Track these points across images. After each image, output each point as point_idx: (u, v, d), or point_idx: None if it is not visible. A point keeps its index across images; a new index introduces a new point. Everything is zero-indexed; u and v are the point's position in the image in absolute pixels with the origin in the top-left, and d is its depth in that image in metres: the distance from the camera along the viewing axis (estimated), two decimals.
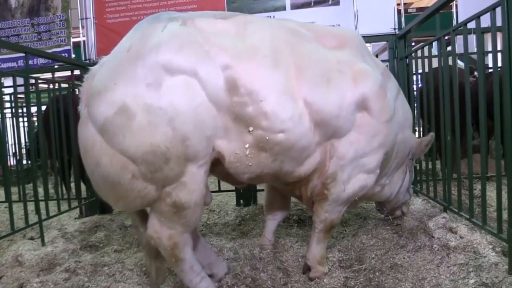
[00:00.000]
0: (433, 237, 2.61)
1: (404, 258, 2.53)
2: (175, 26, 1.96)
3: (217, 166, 2.06)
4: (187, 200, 1.95)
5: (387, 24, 4.14)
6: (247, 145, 2.00)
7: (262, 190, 3.47)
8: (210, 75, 1.88)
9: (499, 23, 2.23)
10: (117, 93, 1.82)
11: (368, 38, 4.38)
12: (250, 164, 2.05)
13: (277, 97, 1.97)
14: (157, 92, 1.81)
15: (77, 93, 4.41)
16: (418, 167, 3.66)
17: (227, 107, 1.92)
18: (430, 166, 3.47)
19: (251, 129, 1.97)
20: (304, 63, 2.10)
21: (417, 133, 4.18)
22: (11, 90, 4.98)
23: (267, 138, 1.99)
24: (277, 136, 1.99)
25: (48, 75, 4.90)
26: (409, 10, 10.00)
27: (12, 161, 7.32)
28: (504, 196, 2.30)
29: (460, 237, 2.55)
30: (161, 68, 1.83)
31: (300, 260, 2.60)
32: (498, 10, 2.24)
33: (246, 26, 2.10)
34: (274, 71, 2.00)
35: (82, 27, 4.61)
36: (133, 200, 1.94)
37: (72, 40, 4.75)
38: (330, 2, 4.24)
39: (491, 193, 3.34)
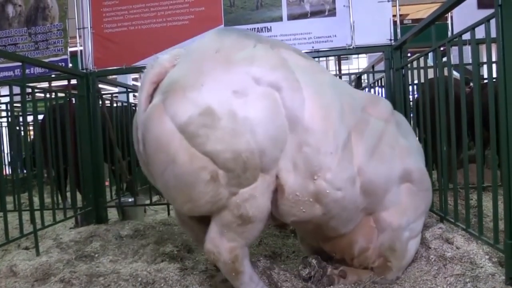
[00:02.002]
0: (430, 247, 2.60)
1: None
2: (266, 47, 1.99)
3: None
4: (254, 214, 1.96)
5: (383, 35, 4.17)
6: (308, 192, 2.02)
7: None
8: (296, 103, 1.91)
9: (493, 34, 2.26)
10: (203, 94, 1.82)
11: (364, 49, 4.42)
12: (304, 210, 2.07)
13: (343, 156, 2.02)
14: (243, 101, 1.82)
15: (73, 102, 4.41)
16: None
17: (299, 139, 1.95)
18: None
19: (315, 177, 1.99)
20: (362, 130, 2.17)
21: None
22: (7, 99, 4.98)
23: (327, 191, 2.02)
24: (336, 193, 2.03)
25: (45, 85, 4.90)
26: (405, 21, 10.10)
27: (7, 170, 7.30)
28: (501, 206, 2.30)
29: (457, 248, 2.55)
30: (251, 79, 1.84)
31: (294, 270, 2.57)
32: (493, 21, 2.26)
33: (322, 74, 2.16)
34: (342, 130, 2.04)
35: (79, 36, 4.61)
36: (204, 204, 1.93)
37: (69, 49, 4.75)
38: (326, 13, 4.27)
39: (488, 203, 3.34)
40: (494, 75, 2.52)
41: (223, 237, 2.03)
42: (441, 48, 3.09)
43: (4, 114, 6.91)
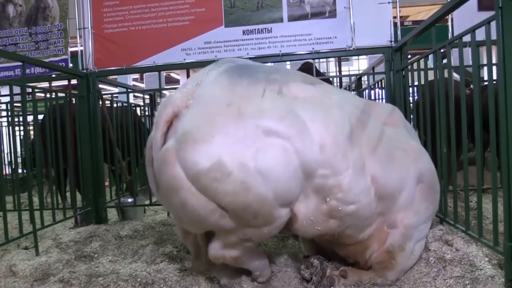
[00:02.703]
0: (429, 249, 2.60)
1: None
2: (274, 94, 2.04)
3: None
4: (258, 239, 2.15)
5: (384, 36, 4.17)
6: (321, 212, 2.10)
7: None
8: (305, 144, 1.96)
9: (494, 36, 2.26)
10: (214, 147, 1.86)
11: (365, 51, 4.42)
12: (319, 228, 2.15)
13: (353, 172, 2.08)
14: (254, 153, 1.87)
15: (73, 101, 4.41)
16: None
17: (313, 176, 2.01)
18: None
19: (328, 199, 2.07)
20: (373, 142, 2.23)
21: None
22: (7, 99, 4.98)
23: (340, 208, 2.09)
24: (349, 207, 2.10)
25: (45, 84, 4.90)
26: (405, 23, 10.09)
27: (7, 170, 7.29)
28: (500, 208, 2.31)
29: (456, 250, 2.54)
30: (262, 133, 1.89)
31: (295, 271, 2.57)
32: (493, 23, 2.26)
33: (329, 97, 2.21)
34: (352, 148, 2.11)
35: (80, 36, 4.61)
36: (211, 228, 2.08)
37: (70, 49, 4.75)
38: (327, 15, 4.27)
39: (487, 205, 3.34)
40: (494, 77, 2.52)
41: (227, 247, 2.14)
42: (442, 50, 3.09)
43: (4, 114, 6.90)
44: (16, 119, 5.75)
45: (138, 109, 6.15)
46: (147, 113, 6.27)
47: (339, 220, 2.14)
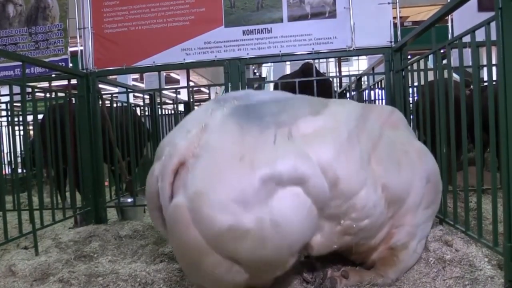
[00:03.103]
0: (429, 250, 2.60)
1: None
2: (285, 139, 1.96)
3: None
4: (270, 280, 2.14)
5: (383, 37, 4.17)
6: (336, 232, 2.12)
7: None
8: (317, 185, 1.93)
9: (493, 37, 2.26)
10: (230, 207, 1.79)
11: (365, 51, 4.43)
12: (334, 246, 2.18)
13: (366, 191, 2.08)
14: (269, 206, 1.82)
15: (73, 101, 4.41)
16: None
17: (327, 209, 2.02)
18: None
19: (342, 221, 2.08)
20: (379, 151, 2.24)
21: None
22: (7, 98, 4.98)
23: (354, 226, 2.11)
24: (363, 222, 2.12)
25: (45, 84, 4.90)
26: (405, 24, 10.09)
27: (7, 170, 7.29)
28: (500, 209, 2.31)
29: (456, 250, 2.55)
30: (274, 182, 1.83)
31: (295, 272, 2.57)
32: (493, 24, 2.26)
33: (336, 120, 2.18)
34: (363, 166, 2.10)
35: (80, 36, 4.61)
36: (225, 286, 2.01)
37: (70, 49, 4.75)
38: (327, 15, 4.27)
39: (487, 205, 3.34)
40: (494, 77, 2.52)
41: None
42: (441, 51, 3.09)
43: (4, 113, 6.90)
44: (16, 119, 5.75)
45: (138, 109, 6.15)
46: (147, 113, 6.27)
47: (354, 235, 2.16)
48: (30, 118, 4.56)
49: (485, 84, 4.00)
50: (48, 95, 4.28)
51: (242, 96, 2.18)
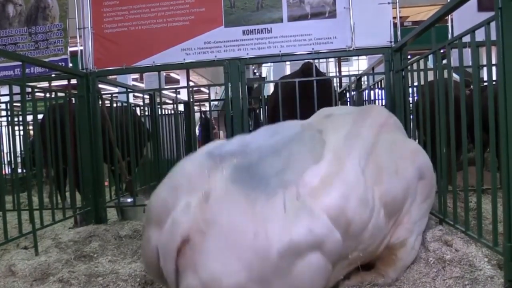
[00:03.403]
0: (429, 250, 2.60)
1: None
2: (294, 202, 1.82)
3: None
4: None
5: (383, 37, 4.18)
6: (345, 264, 2.12)
7: None
8: (333, 242, 1.86)
9: (493, 37, 2.26)
10: (247, 284, 1.71)
11: (365, 51, 4.43)
12: (342, 276, 2.20)
13: (373, 221, 2.07)
14: (288, 279, 1.76)
15: (73, 101, 4.41)
16: None
17: (339, 254, 1.98)
18: None
19: (350, 256, 2.07)
20: (380, 167, 2.22)
21: None
22: (7, 98, 4.98)
23: (361, 255, 2.13)
24: (369, 248, 2.15)
25: (44, 84, 4.89)
26: (405, 24, 10.09)
27: (7, 170, 7.29)
28: (500, 209, 2.31)
29: (456, 250, 2.55)
30: (292, 254, 1.75)
31: None
32: (493, 24, 2.26)
33: (338, 155, 2.09)
34: (369, 195, 2.07)
35: (80, 36, 4.61)
36: None
37: (70, 49, 4.75)
38: (326, 15, 4.27)
39: (487, 205, 3.34)
40: (494, 77, 2.52)
41: None
42: (441, 51, 3.09)
43: (4, 113, 6.90)
44: (16, 119, 5.74)
45: (138, 109, 6.15)
46: (147, 113, 6.27)
47: (362, 256, 2.17)
48: (30, 118, 4.56)
49: (485, 84, 4.00)
50: (48, 95, 4.28)
51: (238, 150, 2.03)
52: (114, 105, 4.96)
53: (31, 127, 5.92)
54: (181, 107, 7.54)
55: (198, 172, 1.93)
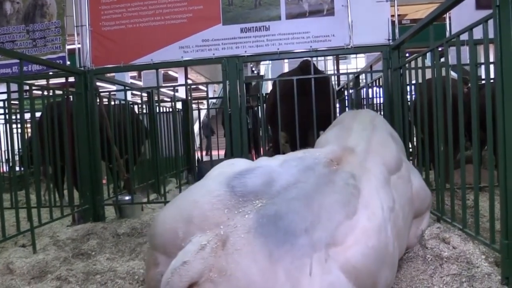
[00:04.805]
0: (426, 247, 2.61)
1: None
2: (322, 265, 1.64)
3: None
4: None
5: (382, 35, 4.18)
6: None
7: None
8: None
9: (491, 35, 2.26)
10: None
11: (363, 49, 4.43)
12: None
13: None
14: None
15: (71, 99, 4.40)
16: None
17: None
18: (423, 176, 3.48)
19: None
20: (399, 225, 2.16)
21: (410, 143, 4.20)
22: (4, 96, 4.97)
23: None
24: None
25: (42, 82, 4.88)
26: (403, 22, 10.11)
27: (4, 168, 7.28)
28: (497, 206, 2.31)
29: (453, 247, 2.55)
30: None
31: None
32: (490, 22, 2.26)
33: (373, 210, 1.92)
34: (395, 262, 2.06)
35: (77, 34, 4.60)
36: None
37: (67, 47, 4.73)
38: (325, 13, 4.27)
39: (484, 203, 3.35)
40: (492, 75, 2.53)
41: None
42: (439, 49, 3.09)
43: (1, 111, 6.88)
44: (14, 117, 5.73)
45: (135, 107, 6.14)
46: (144, 111, 6.26)
47: None
48: (27, 116, 4.55)
49: (483, 82, 4.01)
50: (45, 93, 4.27)
51: (263, 190, 1.79)
52: (112, 103, 4.95)
53: (28, 125, 5.91)
54: (179, 105, 7.54)
55: (215, 208, 1.72)
